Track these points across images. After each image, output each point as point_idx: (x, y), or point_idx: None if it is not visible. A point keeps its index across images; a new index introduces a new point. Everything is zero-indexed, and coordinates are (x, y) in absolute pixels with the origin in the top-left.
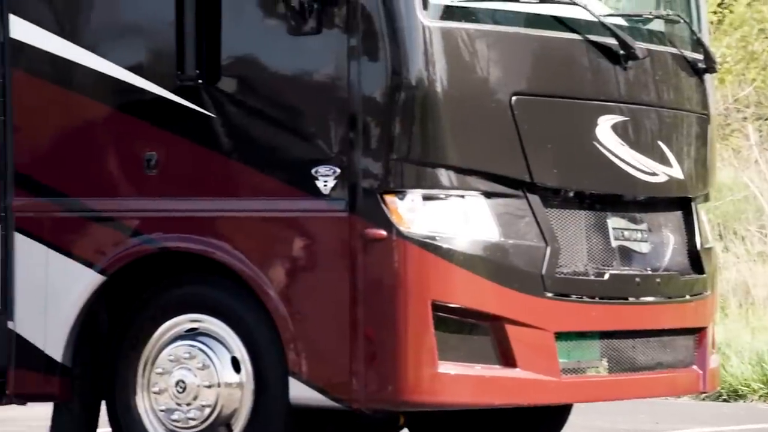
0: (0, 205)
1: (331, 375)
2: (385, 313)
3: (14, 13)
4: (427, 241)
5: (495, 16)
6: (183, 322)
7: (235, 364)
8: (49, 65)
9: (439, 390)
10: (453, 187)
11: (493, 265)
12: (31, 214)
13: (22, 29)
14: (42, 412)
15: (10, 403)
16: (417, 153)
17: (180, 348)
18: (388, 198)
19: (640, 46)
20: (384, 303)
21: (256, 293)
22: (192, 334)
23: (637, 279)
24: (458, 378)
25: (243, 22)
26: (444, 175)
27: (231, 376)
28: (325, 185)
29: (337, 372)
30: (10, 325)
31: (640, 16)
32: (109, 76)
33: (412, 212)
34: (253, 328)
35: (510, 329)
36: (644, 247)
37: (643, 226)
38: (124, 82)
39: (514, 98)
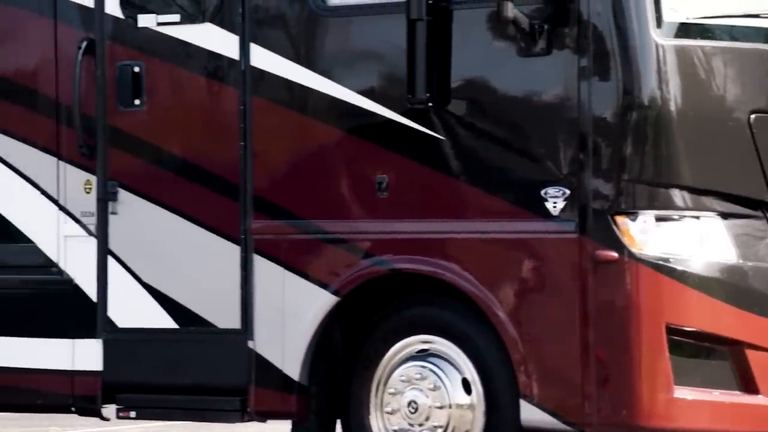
0: (240, 227)
1: (562, 398)
2: (617, 335)
3: (255, 42)
4: (661, 263)
5: (732, 32)
6: (414, 343)
7: (466, 386)
8: (286, 91)
9: (675, 415)
10: (687, 208)
11: (731, 287)
12: (268, 237)
13: (261, 57)
14: (280, 428)
15: (251, 420)
16: (650, 173)
17: (411, 369)
18: (620, 219)
19: None
20: (616, 325)
21: (486, 314)
22: (423, 355)
23: None
24: (695, 404)
25: (472, 45)
26: (678, 196)
27: (462, 398)
28: (554, 206)
29: (569, 395)
30: (250, 344)
31: None
32: (342, 101)
33: (645, 234)
34: (483, 349)
35: (751, 354)
36: None
37: None
38: (356, 106)
39: (752, 116)
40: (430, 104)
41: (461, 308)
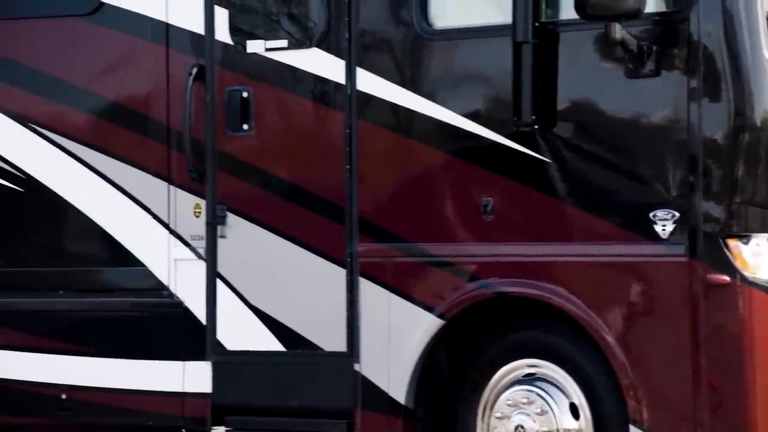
0: (346, 250)
1: (673, 424)
2: (730, 361)
3: (360, 66)
4: None
5: None
6: (520, 366)
7: (574, 411)
8: (391, 115)
9: None
10: None
11: None
12: (374, 259)
13: (367, 81)
14: None
15: None
16: (762, 195)
17: (518, 393)
18: (732, 242)
19: None
20: (729, 351)
21: (594, 338)
22: (530, 379)
23: None
24: None
25: (579, 67)
26: None
27: (570, 422)
28: (663, 229)
29: (680, 421)
30: (356, 367)
31: None
32: (447, 124)
33: (758, 257)
34: (591, 373)
35: None
36: None
37: None
38: (461, 129)
39: None
40: (536, 127)
41: (568, 332)
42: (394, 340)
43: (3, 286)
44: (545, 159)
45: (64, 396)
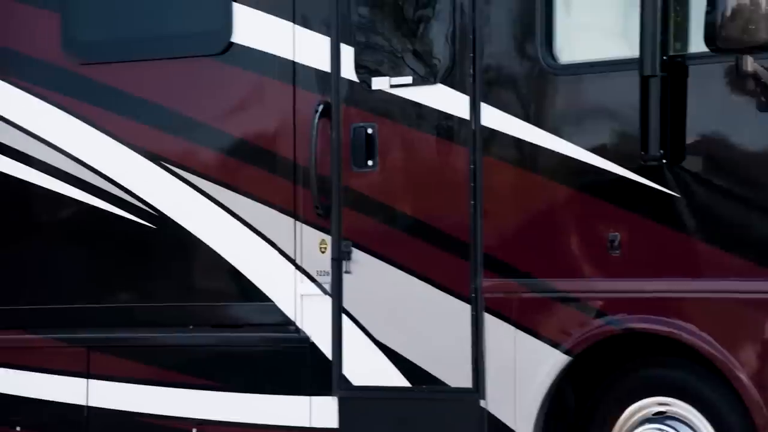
0: (470, 286)
1: None
2: None
3: (485, 101)
4: None
5: None
6: (650, 405)
7: None
8: (516, 150)
9: None
10: None
11: None
12: (499, 295)
13: (492, 116)
14: None
15: None
16: None
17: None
18: None
19: None
20: None
21: (726, 377)
22: (660, 417)
23: None
24: None
25: (708, 101)
26: None
27: None
28: None
29: None
30: (482, 403)
31: None
32: (573, 159)
33: None
34: (724, 413)
35: None
36: None
37: None
38: (587, 163)
39: None
40: (664, 161)
41: (699, 370)
42: (520, 376)
43: (134, 321)
44: (674, 193)
45: (194, 430)
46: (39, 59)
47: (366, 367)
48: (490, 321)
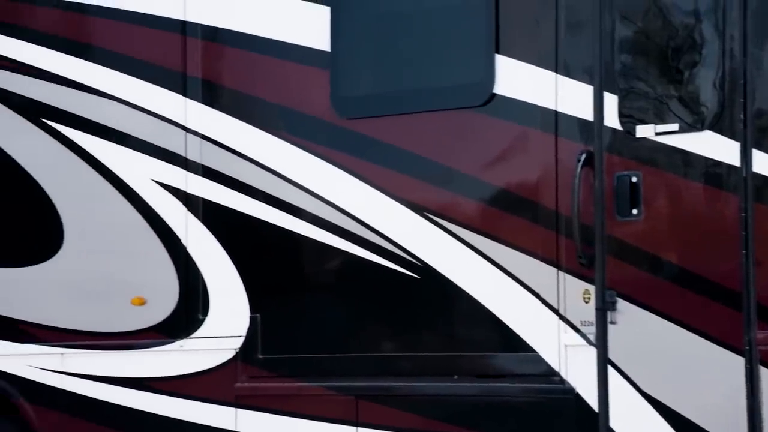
0: (744, 338)
1: None
2: None
3: (757, 147)
4: None
5: None
6: None
7: None
8: None
9: None
10: None
11: None
12: None
13: (764, 163)
14: None
15: None
16: None
17: None
18: None
19: None
20: None
21: None
22: None
23: None
24: None
25: None
26: None
27: None
28: None
29: None
30: None
31: None
32: None
33: None
34: None
35: None
36: None
37: None
38: None
39: None
40: None
41: None
42: None
43: (400, 370)
44: None
45: None
46: (309, 115)
47: (633, 419)
48: (765, 374)
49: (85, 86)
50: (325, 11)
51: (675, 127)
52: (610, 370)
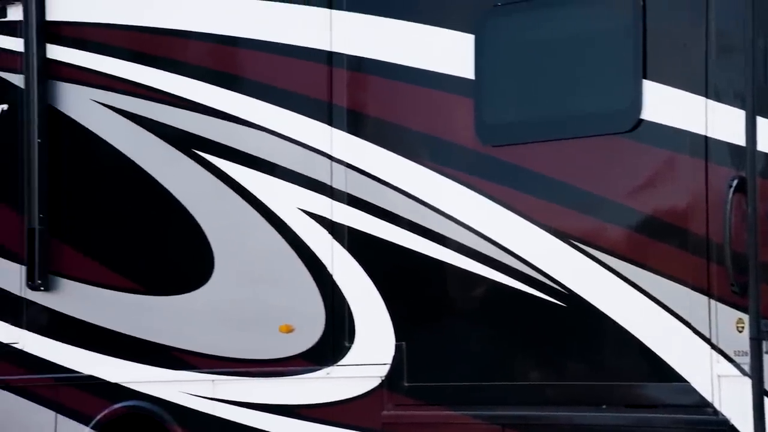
0: None
1: None
2: None
3: None
4: None
5: None
6: None
7: None
8: None
9: None
10: None
11: None
12: None
13: None
14: None
15: None
16: None
17: None
18: None
19: None
20: None
21: None
22: None
23: None
24: None
25: None
26: None
27: None
28: None
29: None
30: None
31: None
32: None
33: None
34: None
35: None
36: None
37: None
38: None
39: None
40: None
41: None
42: None
43: (547, 399)
44: None
45: None
46: (453, 142)
47: None
48: None
49: (234, 117)
50: (469, 39)
51: None
52: (767, 401)
